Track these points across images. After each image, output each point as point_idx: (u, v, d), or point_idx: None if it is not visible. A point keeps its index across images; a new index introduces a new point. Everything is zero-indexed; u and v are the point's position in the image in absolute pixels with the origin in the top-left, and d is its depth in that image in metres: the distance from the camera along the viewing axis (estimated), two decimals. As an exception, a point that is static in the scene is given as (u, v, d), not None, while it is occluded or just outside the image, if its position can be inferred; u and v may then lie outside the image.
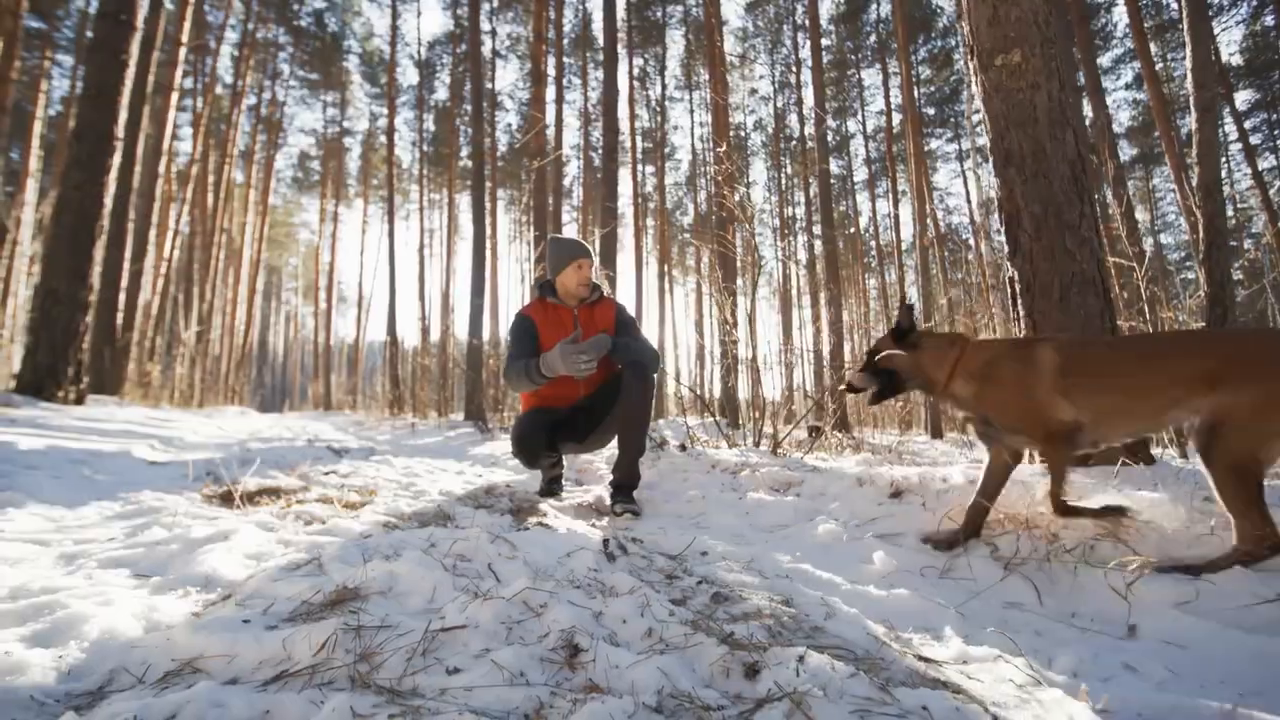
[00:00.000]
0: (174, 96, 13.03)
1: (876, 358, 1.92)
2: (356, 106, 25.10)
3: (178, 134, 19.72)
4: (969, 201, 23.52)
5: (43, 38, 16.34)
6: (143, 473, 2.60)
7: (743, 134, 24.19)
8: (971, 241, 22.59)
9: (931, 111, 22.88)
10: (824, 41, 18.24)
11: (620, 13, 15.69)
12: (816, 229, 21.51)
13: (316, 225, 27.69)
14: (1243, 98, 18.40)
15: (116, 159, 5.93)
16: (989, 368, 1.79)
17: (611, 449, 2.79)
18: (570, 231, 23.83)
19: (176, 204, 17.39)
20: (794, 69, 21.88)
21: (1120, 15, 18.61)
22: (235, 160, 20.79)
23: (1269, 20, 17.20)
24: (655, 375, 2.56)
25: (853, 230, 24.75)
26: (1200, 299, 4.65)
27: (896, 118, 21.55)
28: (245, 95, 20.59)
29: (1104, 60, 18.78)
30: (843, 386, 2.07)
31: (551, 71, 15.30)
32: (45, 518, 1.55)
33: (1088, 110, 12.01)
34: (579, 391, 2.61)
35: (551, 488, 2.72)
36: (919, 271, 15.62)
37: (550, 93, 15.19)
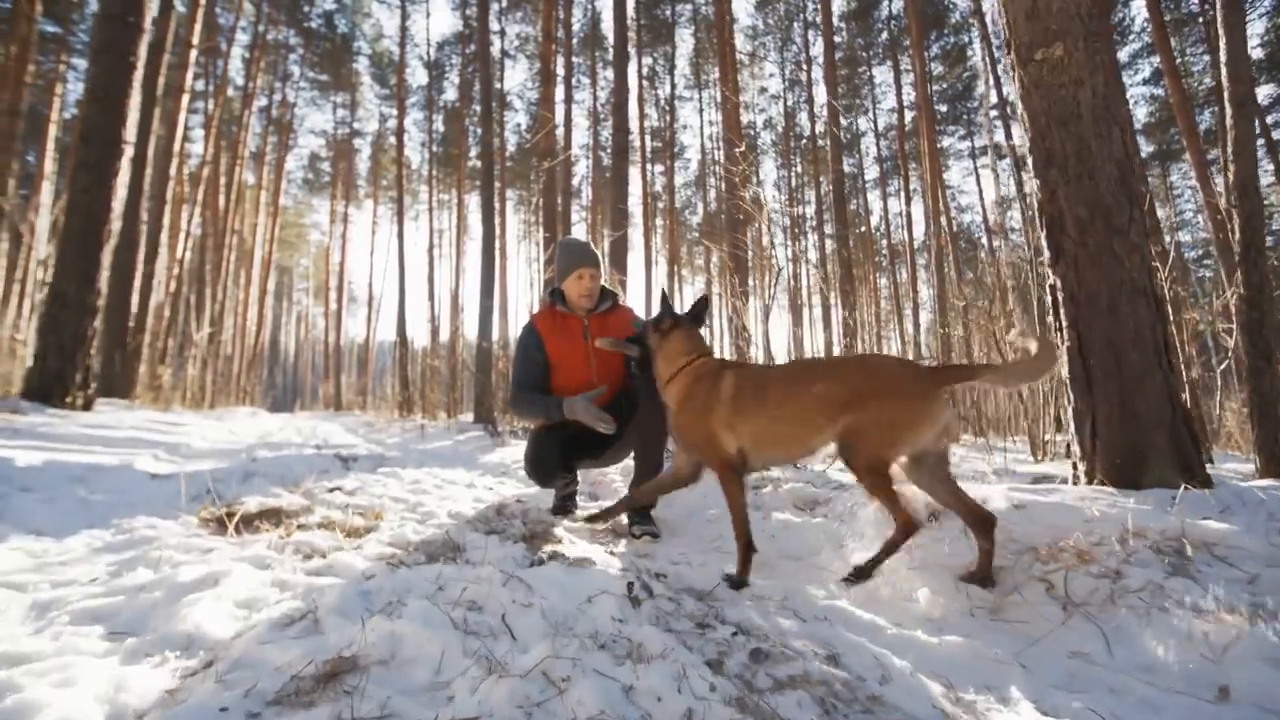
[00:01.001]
0: (185, 99, 13.03)
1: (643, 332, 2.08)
2: (366, 108, 25.13)
3: (189, 136, 19.81)
4: (981, 199, 23.24)
5: (58, 41, 16.45)
6: (143, 489, 2.51)
7: (752, 133, 23.99)
8: (985, 240, 22.32)
9: (944, 108, 22.60)
10: (835, 39, 17.97)
11: (629, 11, 15.55)
12: (827, 228, 21.31)
13: (327, 226, 27.82)
14: (1264, 92, 17.93)
15: (124, 162, 5.87)
16: (693, 385, 1.87)
17: (628, 461, 2.67)
18: (579, 232, 23.74)
19: (188, 206, 17.45)
20: (804, 66, 21.68)
21: (1138, 9, 18.21)
22: (246, 162, 20.86)
23: (1293, 13, 16.77)
24: None
25: (863, 229, 24.49)
26: (1226, 300, 4.46)
27: (908, 115, 21.31)
28: (256, 97, 20.65)
29: (1121, 55, 18.42)
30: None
31: (560, 71, 15.20)
32: (27, 552, 1.44)
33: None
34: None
35: (565, 505, 2.61)
36: (932, 271, 15.37)
37: (559, 92, 15.08)
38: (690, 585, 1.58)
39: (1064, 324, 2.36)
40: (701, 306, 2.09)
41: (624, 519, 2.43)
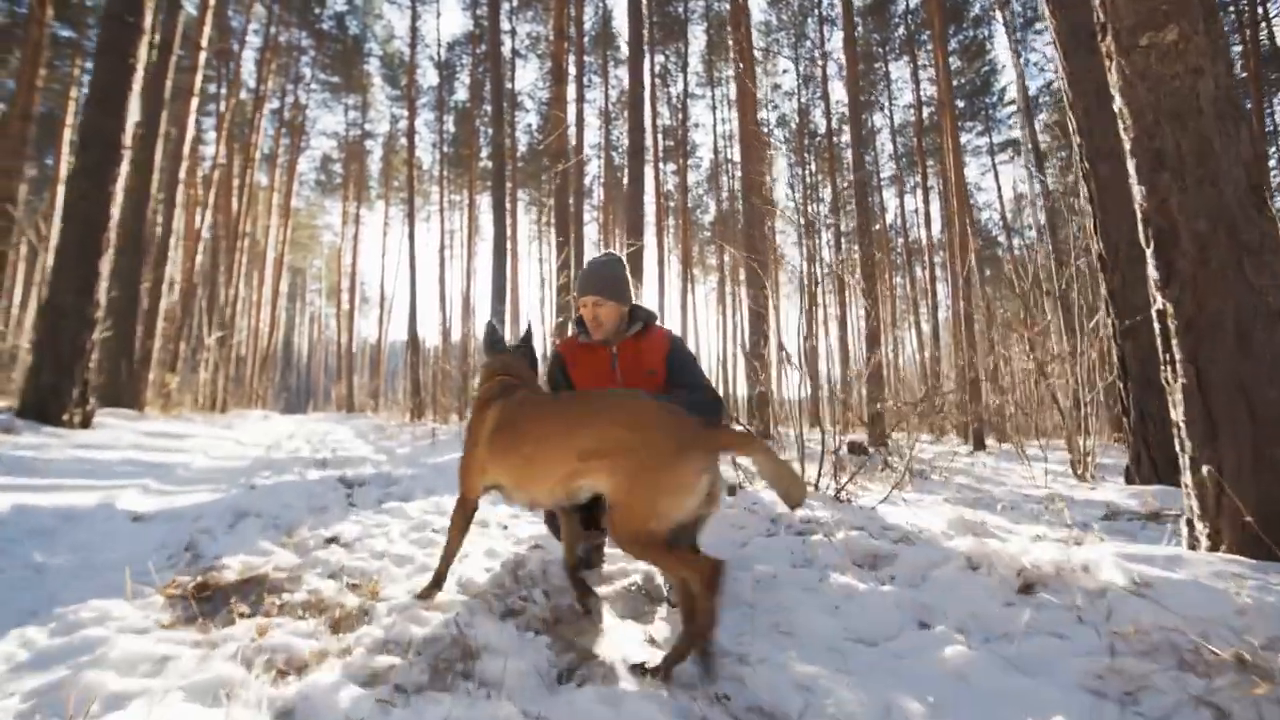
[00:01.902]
0: (194, 101, 12.91)
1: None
2: (377, 109, 25.06)
3: (203, 138, 19.84)
4: (1000, 197, 22.67)
5: (73, 46, 16.49)
6: (116, 540, 2.23)
7: (766, 129, 23.57)
8: (1003, 239, 21.73)
9: (962, 104, 22.05)
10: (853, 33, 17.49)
11: (643, 8, 15.20)
12: (842, 226, 20.87)
13: (339, 227, 27.80)
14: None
15: (124, 166, 5.66)
16: (476, 410, 1.79)
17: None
18: (591, 232, 23.45)
19: (201, 208, 17.41)
20: (819, 62, 21.23)
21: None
22: (259, 164, 20.84)
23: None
24: None
25: (879, 227, 23.98)
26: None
27: (926, 111, 20.78)
28: (268, 99, 20.62)
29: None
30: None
31: (572, 70, 14.90)
32: (-71, 675, 1.17)
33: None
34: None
35: (589, 557, 2.30)
36: (957, 270, 14.88)
37: (571, 91, 14.78)
38: (759, 705, 1.26)
39: (1178, 357, 2.01)
40: (526, 337, 2.12)
41: (659, 579, 2.13)
